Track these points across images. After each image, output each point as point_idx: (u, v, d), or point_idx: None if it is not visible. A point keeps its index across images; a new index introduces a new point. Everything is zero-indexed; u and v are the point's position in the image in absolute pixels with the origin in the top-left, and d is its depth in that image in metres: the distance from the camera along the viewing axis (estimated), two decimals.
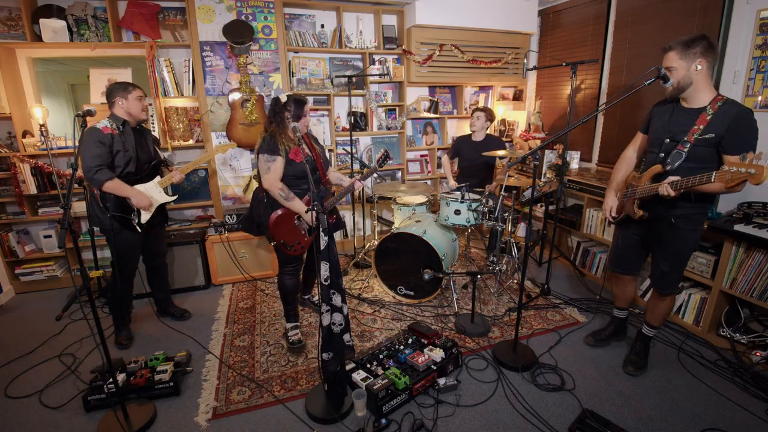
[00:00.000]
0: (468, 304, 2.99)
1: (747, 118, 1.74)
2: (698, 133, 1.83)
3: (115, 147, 2.39)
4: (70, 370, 2.37)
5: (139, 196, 2.45)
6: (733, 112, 1.75)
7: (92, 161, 2.29)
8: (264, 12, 3.42)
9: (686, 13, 2.95)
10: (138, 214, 2.51)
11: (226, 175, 3.59)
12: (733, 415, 1.98)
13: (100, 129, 2.34)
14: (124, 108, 2.44)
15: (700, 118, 1.83)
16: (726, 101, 1.80)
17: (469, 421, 1.97)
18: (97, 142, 2.31)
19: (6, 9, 3.07)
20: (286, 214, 2.36)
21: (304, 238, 2.43)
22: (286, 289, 2.53)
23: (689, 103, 1.91)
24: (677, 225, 1.99)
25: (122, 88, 2.43)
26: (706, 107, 1.83)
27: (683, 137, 1.87)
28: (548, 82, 4.37)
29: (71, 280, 3.42)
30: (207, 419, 2.00)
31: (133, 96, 2.45)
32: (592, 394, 2.13)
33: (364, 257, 3.82)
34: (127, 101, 2.43)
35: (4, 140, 3.23)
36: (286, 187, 2.29)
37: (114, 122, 2.41)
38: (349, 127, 3.78)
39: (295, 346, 2.51)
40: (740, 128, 1.74)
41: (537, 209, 4.02)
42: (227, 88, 3.43)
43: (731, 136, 1.75)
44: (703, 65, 1.79)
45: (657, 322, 2.28)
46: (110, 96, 2.44)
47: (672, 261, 2.07)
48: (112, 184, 2.34)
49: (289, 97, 2.31)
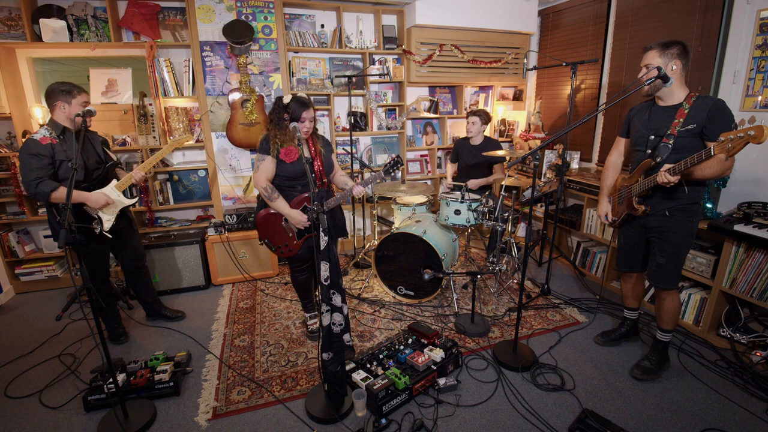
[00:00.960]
0: (468, 304, 2.99)
1: (722, 106, 1.89)
2: (680, 125, 1.95)
3: (57, 157, 2.20)
4: (70, 370, 2.37)
5: (93, 197, 2.27)
6: (708, 103, 1.90)
7: (31, 174, 2.12)
8: (264, 12, 3.42)
9: (686, 13, 2.95)
10: (99, 221, 2.35)
11: (227, 175, 3.59)
12: (733, 415, 1.98)
13: (37, 140, 2.16)
14: (65, 113, 2.24)
15: (679, 112, 1.97)
16: (699, 96, 1.95)
17: (469, 421, 1.97)
18: (35, 155, 2.14)
19: (6, 9, 3.07)
20: (273, 214, 2.38)
21: (293, 241, 2.41)
22: (298, 285, 2.59)
23: (665, 101, 2.04)
24: (673, 216, 2.04)
25: (66, 91, 2.21)
26: (682, 103, 1.98)
27: (666, 131, 1.99)
28: (548, 82, 4.37)
29: (71, 280, 3.42)
30: (207, 419, 2.00)
31: (77, 101, 2.24)
32: (592, 394, 2.13)
33: (364, 257, 3.82)
34: (70, 106, 2.23)
35: (4, 140, 3.23)
36: (270, 187, 2.29)
37: (53, 130, 2.22)
38: (349, 127, 3.78)
39: (314, 333, 2.63)
40: (718, 115, 1.88)
41: (537, 209, 4.02)
42: (227, 88, 3.43)
43: (711, 122, 1.88)
44: (678, 65, 1.95)
45: (668, 325, 2.23)
46: (50, 98, 2.22)
47: (668, 252, 2.10)
48: (57, 193, 2.17)
49: (292, 98, 2.25)
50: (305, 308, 2.70)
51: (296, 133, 2.05)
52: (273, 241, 2.43)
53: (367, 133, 4.11)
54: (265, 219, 2.40)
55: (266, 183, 2.29)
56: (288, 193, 2.35)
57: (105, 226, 2.37)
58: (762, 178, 2.56)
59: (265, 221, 2.40)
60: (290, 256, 2.46)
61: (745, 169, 2.62)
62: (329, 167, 2.47)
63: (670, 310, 2.21)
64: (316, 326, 2.61)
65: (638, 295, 2.46)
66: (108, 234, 2.38)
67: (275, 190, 2.30)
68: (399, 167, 2.32)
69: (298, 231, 2.40)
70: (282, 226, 2.40)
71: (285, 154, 2.26)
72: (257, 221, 2.42)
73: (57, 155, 2.20)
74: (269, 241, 2.44)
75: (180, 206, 3.65)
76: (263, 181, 2.28)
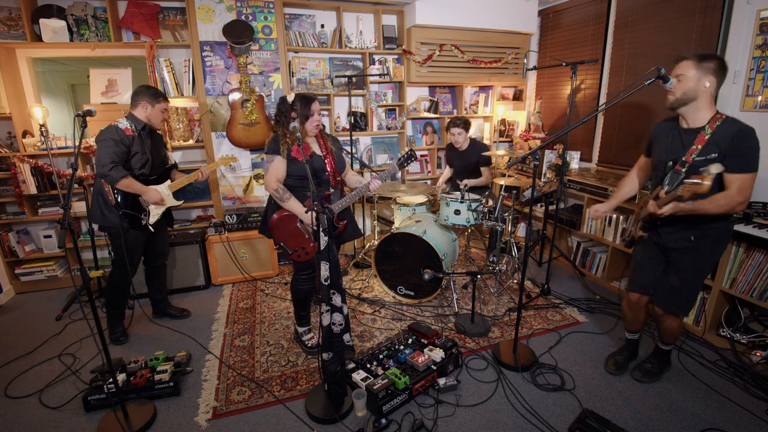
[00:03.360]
0: (468, 304, 2.99)
1: (748, 137, 1.70)
2: (696, 153, 1.79)
3: (133, 148, 2.41)
4: (70, 370, 2.38)
5: (151, 192, 2.49)
6: (733, 131, 1.71)
7: (108, 157, 2.29)
8: (264, 12, 3.42)
9: (686, 13, 2.95)
10: (147, 214, 2.55)
11: (227, 175, 3.59)
12: (733, 415, 1.98)
13: (122, 129, 2.37)
14: (146, 113, 2.48)
15: (699, 137, 1.79)
16: (725, 120, 1.76)
17: (469, 421, 1.97)
18: (118, 140, 2.33)
19: (6, 9, 3.07)
20: (288, 216, 2.27)
21: (309, 244, 2.28)
22: (300, 294, 2.45)
23: (689, 122, 1.86)
24: (698, 242, 1.89)
25: (153, 95, 2.47)
26: (705, 127, 1.79)
27: (682, 158, 1.83)
28: (548, 82, 4.37)
29: (71, 280, 3.42)
30: (207, 419, 2.00)
31: (159, 107, 2.50)
32: (592, 394, 2.13)
33: (364, 257, 3.83)
34: (152, 109, 2.48)
35: (4, 140, 3.23)
36: (282, 188, 2.21)
37: (133, 124, 2.43)
38: (349, 127, 3.78)
39: (313, 350, 2.49)
40: (743, 146, 1.70)
41: (537, 209, 4.02)
42: (227, 88, 3.43)
43: (732, 155, 1.71)
44: (711, 83, 1.76)
45: (670, 340, 2.19)
46: (137, 97, 2.46)
47: (684, 276, 1.95)
48: (126, 181, 2.36)
49: (296, 96, 2.21)
50: (300, 321, 2.55)
51: (296, 133, 2.04)
52: (289, 245, 2.28)
53: (367, 133, 4.10)
54: (279, 222, 2.27)
55: (277, 184, 2.20)
56: (302, 193, 2.26)
57: (151, 220, 2.58)
58: (762, 178, 2.56)
59: (279, 224, 2.27)
60: (304, 261, 2.34)
61: None
62: (341, 165, 2.38)
63: (671, 330, 2.11)
64: (315, 341, 2.51)
65: (641, 322, 2.29)
66: (151, 227, 2.57)
67: (286, 190, 2.22)
68: (413, 160, 2.25)
69: (314, 232, 2.28)
70: (297, 228, 2.28)
71: (297, 152, 2.18)
72: (271, 224, 2.28)
73: (134, 147, 2.41)
74: (285, 244, 2.29)
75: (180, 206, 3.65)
76: (274, 182, 2.20)
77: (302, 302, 2.49)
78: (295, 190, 2.25)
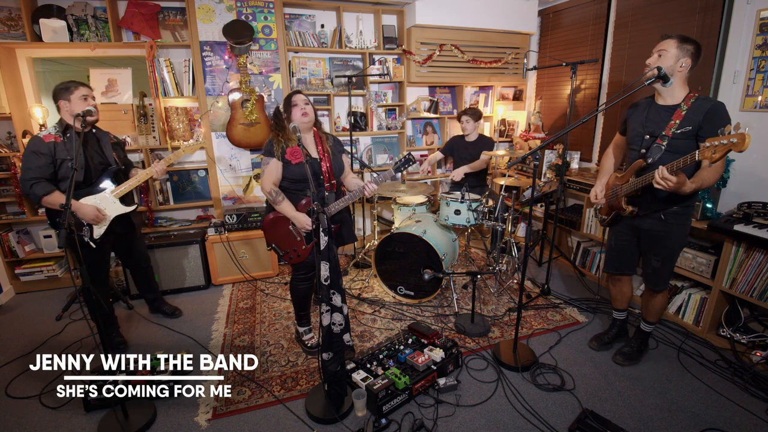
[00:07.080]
0: (468, 304, 2.99)
1: (720, 109, 1.87)
2: (675, 127, 1.93)
3: (58, 156, 2.17)
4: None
5: (82, 209, 2.21)
6: (706, 106, 1.88)
7: (28, 174, 2.12)
8: (264, 12, 3.42)
9: (686, 13, 2.95)
10: (90, 228, 2.29)
11: (227, 175, 3.59)
12: (733, 415, 1.98)
13: (41, 138, 2.16)
14: (68, 111, 2.22)
15: (676, 113, 1.94)
16: (698, 97, 1.92)
17: (469, 421, 1.97)
18: (35, 153, 2.13)
19: (6, 9, 3.07)
20: (279, 218, 2.27)
21: (301, 246, 2.29)
22: (298, 294, 2.46)
23: (665, 100, 2.01)
24: (668, 221, 2.04)
25: (65, 89, 2.20)
26: (680, 104, 1.94)
27: (661, 132, 1.97)
28: (548, 82, 4.37)
29: (71, 280, 3.42)
30: (207, 419, 2.00)
31: (76, 96, 2.21)
32: (592, 394, 2.13)
33: (364, 257, 3.82)
34: (70, 103, 2.21)
35: (4, 140, 3.23)
36: (275, 190, 2.21)
37: (59, 128, 2.23)
38: (349, 127, 3.78)
39: (313, 349, 2.49)
40: (716, 117, 1.85)
41: (537, 209, 4.02)
42: (227, 88, 3.43)
43: (708, 124, 1.85)
44: (687, 64, 1.92)
45: (653, 317, 2.34)
46: (55, 99, 2.23)
47: (663, 256, 2.13)
48: (50, 198, 2.15)
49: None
50: (300, 321, 2.55)
51: (296, 133, 2.03)
52: (281, 246, 2.31)
53: (367, 133, 4.11)
54: (272, 223, 2.29)
55: (271, 187, 2.21)
56: (296, 195, 2.25)
57: (95, 233, 2.31)
58: (762, 178, 2.56)
59: (271, 225, 2.29)
60: (298, 263, 2.35)
61: (744, 170, 2.62)
62: (338, 168, 2.33)
63: (660, 305, 2.30)
64: (315, 341, 2.51)
65: (627, 297, 2.46)
66: (93, 244, 2.30)
67: (280, 192, 2.22)
68: (411, 164, 2.19)
69: (306, 235, 2.28)
70: (290, 230, 2.29)
71: (291, 155, 2.18)
72: (264, 225, 2.31)
73: (58, 154, 2.18)
74: (277, 245, 2.32)
75: (180, 206, 3.65)
76: (268, 185, 2.21)
77: (301, 302, 2.50)
78: (289, 193, 2.26)
